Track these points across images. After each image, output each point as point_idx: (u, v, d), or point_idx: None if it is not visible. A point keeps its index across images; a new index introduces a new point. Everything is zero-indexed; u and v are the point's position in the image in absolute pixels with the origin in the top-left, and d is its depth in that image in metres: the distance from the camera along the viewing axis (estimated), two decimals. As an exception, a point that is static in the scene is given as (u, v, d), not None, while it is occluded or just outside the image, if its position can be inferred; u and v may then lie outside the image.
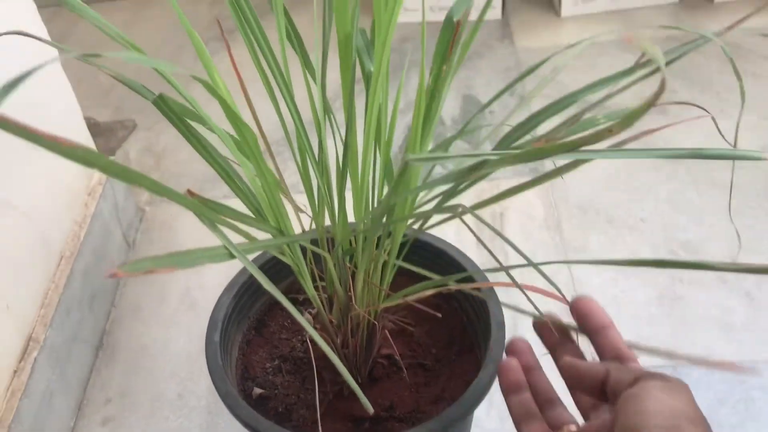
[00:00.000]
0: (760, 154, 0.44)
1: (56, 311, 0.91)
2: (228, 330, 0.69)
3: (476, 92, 1.43)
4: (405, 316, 0.73)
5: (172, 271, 0.38)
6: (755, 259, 1.05)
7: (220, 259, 0.43)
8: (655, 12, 1.60)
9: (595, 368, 0.44)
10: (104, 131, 1.43)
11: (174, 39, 1.69)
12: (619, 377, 0.42)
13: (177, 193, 0.39)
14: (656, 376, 0.40)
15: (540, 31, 1.59)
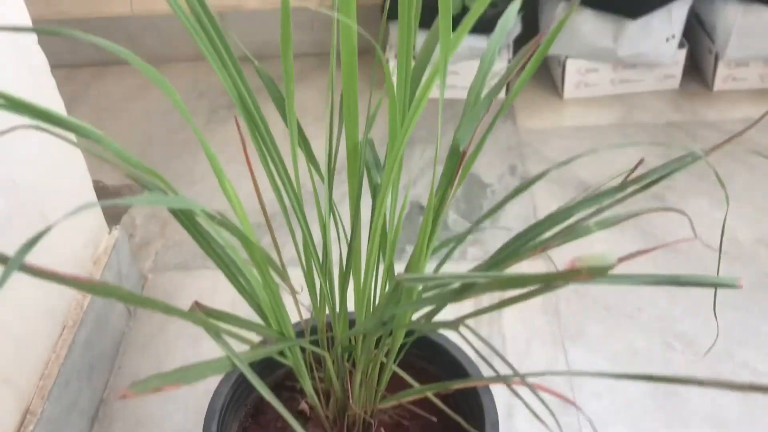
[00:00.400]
0: (735, 280, 0.46)
1: (55, 383, 0.92)
2: (225, 419, 0.70)
3: (479, 171, 1.46)
4: (400, 410, 0.74)
5: (178, 387, 0.39)
6: (747, 353, 1.06)
7: (224, 370, 0.44)
8: (654, 97, 1.64)
9: None
10: (112, 195, 1.46)
11: (186, 102, 1.71)
12: None
13: (184, 312, 0.41)
14: None
15: (542, 112, 1.63)
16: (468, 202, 1.40)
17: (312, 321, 0.70)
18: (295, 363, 0.58)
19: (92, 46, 1.86)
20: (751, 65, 1.58)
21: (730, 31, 1.52)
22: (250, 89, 0.56)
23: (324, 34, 1.83)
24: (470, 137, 0.50)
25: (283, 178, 0.57)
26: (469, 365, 0.74)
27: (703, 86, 1.66)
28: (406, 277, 0.41)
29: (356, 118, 0.54)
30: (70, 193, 1.04)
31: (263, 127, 0.56)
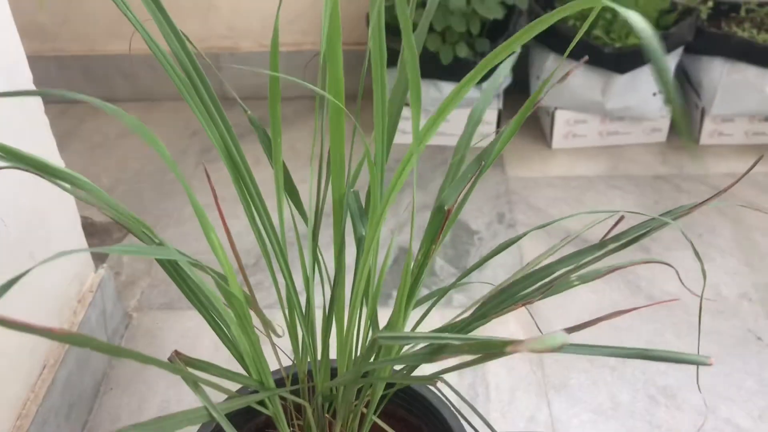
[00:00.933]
0: (704, 359, 0.46)
1: (32, 423, 0.91)
2: (203, 466, 0.69)
3: (466, 218, 1.47)
4: (380, 459, 0.74)
5: (154, 440, 0.39)
6: (730, 408, 1.06)
7: (201, 420, 0.44)
8: (641, 150, 1.67)
9: None
10: (100, 231, 1.46)
11: (179, 142, 1.74)
12: None
13: (162, 362, 0.41)
14: None
15: (531, 161, 1.65)
16: (455, 248, 1.40)
17: (293, 369, 0.69)
18: (274, 412, 0.58)
19: (88, 83, 1.88)
20: (737, 121, 1.61)
21: (716, 88, 1.55)
22: (233, 134, 0.57)
23: (316, 76, 1.85)
24: (456, 197, 0.51)
25: (265, 225, 0.58)
26: (451, 418, 0.73)
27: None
28: (383, 335, 0.41)
29: (343, 170, 0.55)
30: (58, 231, 1.05)
31: (246, 174, 0.56)
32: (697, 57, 1.61)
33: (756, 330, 1.19)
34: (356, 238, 0.57)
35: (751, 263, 1.33)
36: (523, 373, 1.13)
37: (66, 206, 1.08)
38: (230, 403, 0.47)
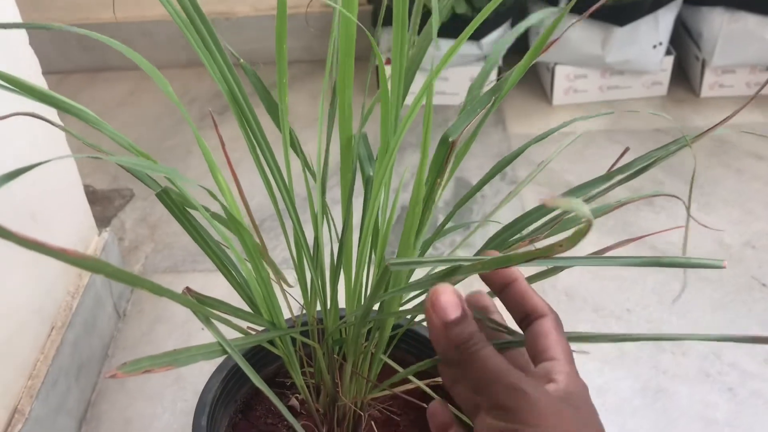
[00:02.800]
0: (719, 262, 0.46)
1: (43, 383, 0.91)
2: (215, 414, 0.70)
3: (468, 175, 1.47)
4: (391, 404, 0.74)
5: (170, 370, 0.39)
6: (737, 354, 1.07)
7: (215, 355, 0.44)
8: (642, 104, 1.66)
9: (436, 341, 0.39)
10: (101, 199, 1.45)
11: (176, 109, 1.73)
12: (460, 374, 0.38)
13: (176, 294, 0.41)
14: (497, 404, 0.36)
15: (532, 118, 1.64)
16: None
17: (302, 317, 0.70)
18: (286, 353, 0.58)
19: (82, 53, 1.87)
20: (738, 72, 1.60)
21: (716, 39, 1.54)
22: (243, 89, 0.57)
23: (315, 41, 1.84)
24: (461, 130, 0.50)
25: (275, 175, 0.57)
26: (459, 361, 0.74)
27: (690, 93, 1.68)
28: (394, 261, 0.41)
29: (350, 110, 0.55)
30: (61, 195, 1.04)
31: (256, 126, 0.56)
32: (696, 8, 1.59)
33: (760, 277, 1.19)
34: (364, 181, 0.57)
35: (755, 212, 1.33)
36: (529, 324, 1.13)
37: (68, 170, 1.08)
38: (242, 340, 0.47)
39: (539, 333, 0.38)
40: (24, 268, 0.91)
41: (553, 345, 0.38)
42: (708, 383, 1.03)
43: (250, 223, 0.54)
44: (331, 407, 0.65)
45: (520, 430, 0.34)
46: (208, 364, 1.05)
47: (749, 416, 0.98)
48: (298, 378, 0.62)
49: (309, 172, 0.57)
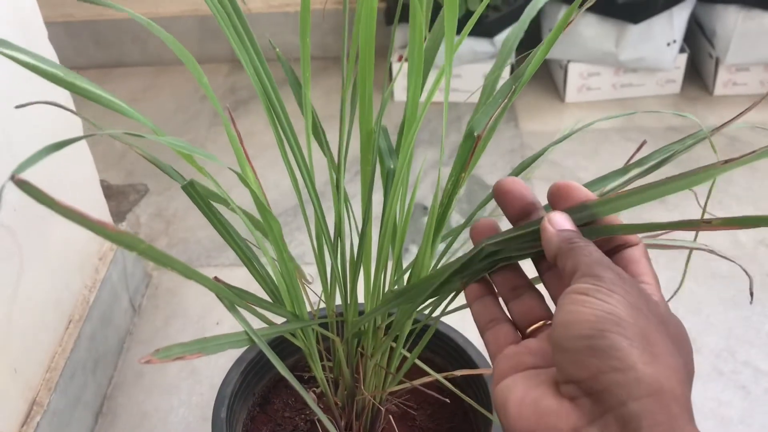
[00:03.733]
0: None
1: (61, 375, 0.92)
2: (234, 406, 0.71)
3: (481, 172, 1.47)
4: (408, 399, 0.75)
5: (200, 357, 0.40)
6: (749, 351, 1.07)
7: (242, 344, 0.45)
8: (655, 101, 1.66)
9: (547, 241, 0.38)
10: (116, 194, 1.46)
11: (190, 106, 1.74)
12: (563, 264, 0.37)
13: (206, 278, 0.41)
14: (589, 272, 0.35)
15: (544, 115, 1.64)
16: (471, 203, 1.40)
17: (321, 311, 0.70)
18: (307, 346, 0.59)
19: (97, 49, 1.88)
20: (752, 70, 1.60)
21: (731, 37, 1.53)
22: (272, 78, 0.57)
23: (328, 37, 1.85)
24: (486, 123, 0.51)
25: (300, 165, 0.58)
26: (476, 355, 0.74)
27: (703, 91, 1.67)
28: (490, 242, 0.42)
29: (371, 103, 0.55)
30: (77, 189, 1.05)
31: (284, 116, 0.56)
32: (711, 5, 1.59)
33: (774, 275, 1.19)
34: (384, 175, 0.57)
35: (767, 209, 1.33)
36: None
37: (85, 165, 1.08)
38: (268, 330, 0.47)
39: (631, 259, 0.38)
40: (43, 261, 0.92)
41: (646, 271, 0.38)
42: (721, 381, 1.03)
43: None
44: (349, 401, 0.65)
45: (605, 289, 0.34)
46: (224, 359, 1.06)
47: (763, 414, 0.98)
48: (319, 371, 0.63)
49: (330, 162, 0.57)
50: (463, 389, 0.76)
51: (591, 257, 0.36)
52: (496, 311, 0.42)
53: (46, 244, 0.93)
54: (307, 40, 0.52)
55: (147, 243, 0.33)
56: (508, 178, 0.43)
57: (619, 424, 0.31)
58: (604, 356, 0.32)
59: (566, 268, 0.36)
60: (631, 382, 0.31)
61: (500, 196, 0.43)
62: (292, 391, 0.77)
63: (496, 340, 0.40)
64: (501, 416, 0.36)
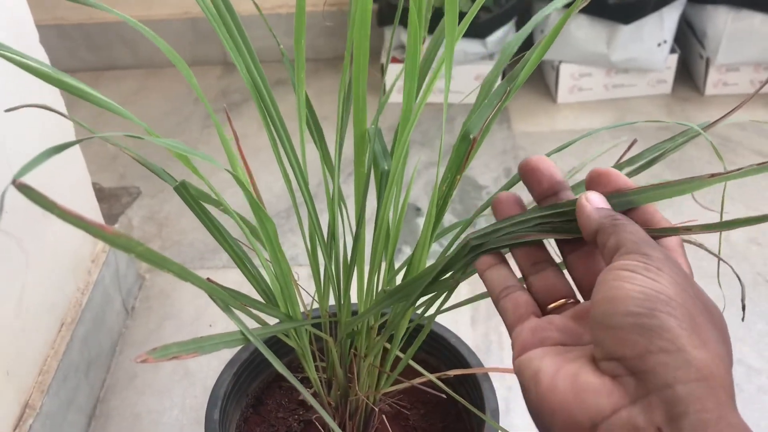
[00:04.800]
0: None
1: (54, 378, 0.92)
2: (227, 407, 0.70)
3: (474, 173, 1.47)
4: (400, 399, 0.75)
5: (196, 356, 0.40)
6: (741, 349, 1.07)
7: (238, 344, 0.45)
8: (646, 102, 1.66)
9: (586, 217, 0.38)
10: (108, 197, 1.46)
11: (182, 108, 1.74)
12: (604, 241, 0.36)
13: (198, 277, 0.41)
14: (636, 250, 0.34)
15: (537, 116, 1.65)
16: (463, 203, 1.41)
17: (314, 311, 0.70)
18: (300, 346, 0.59)
19: (89, 51, 1.87)
20: (742, 70, 1.61)
21: (721, 37, 1.54)
22: (265, 79, 0.57)
23: (319, 39, 1.85)
24: (482, 125, 0.51)
25: (293, 166, 0.58)
26: (469, 355, 0.74)
27: (694, 91, 1.68)
28: (475, 235, 0.42)
29: (365, 104, 0.55)
30: (70, 192, 1.05)
31: (276, 116, 0.56)
32: (701, 6, 1.60)
33: (765, 273, 1.20)
34: (378, 176, 0.57)
35: (759, 209, 1.34)
36: (536, 321, 1.14)
37: (77, 168, 1.08)
38: (261, 330, 0.47)
39: (667, 248, 0.38)
40: (35, 263, 0.91)
41: (682, 261, 0.38)
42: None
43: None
44: (342, 401, 0.66)
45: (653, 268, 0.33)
46: (217, 361, 1.05)
47: (755, 412, 0.99)
48: (312, 371, 0.63)
49: (326, 163, 0.58)
50: (455, 389, 0.76)
51: (636, 235, 0.35)
52: (511, 279, 0.41)
53: (39, 247, 0.93)
54: (302, 42, 0.52)
55: (144, 245, 0.33)
56: (535, 156, 0.42)
57: (664, 407, 0.30)
58: (653, 336, 0.31)
59: (608, 244, 0.35)
60: (679, 364, 0.30)
61: (527, 173, 0.42)
62: (285, 392, 0.77)
63: (515, 309, 0.39)
64: (529, 387, 0.35)
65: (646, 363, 0.31)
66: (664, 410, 0.30)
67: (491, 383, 0.71)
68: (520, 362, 0.36)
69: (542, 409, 0.34)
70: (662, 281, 0.32)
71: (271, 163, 1.51)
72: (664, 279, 0.32)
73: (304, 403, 0.75)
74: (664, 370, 0.30)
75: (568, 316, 0.38)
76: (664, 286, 0.32)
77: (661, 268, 0.33)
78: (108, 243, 0.32)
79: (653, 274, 0.33)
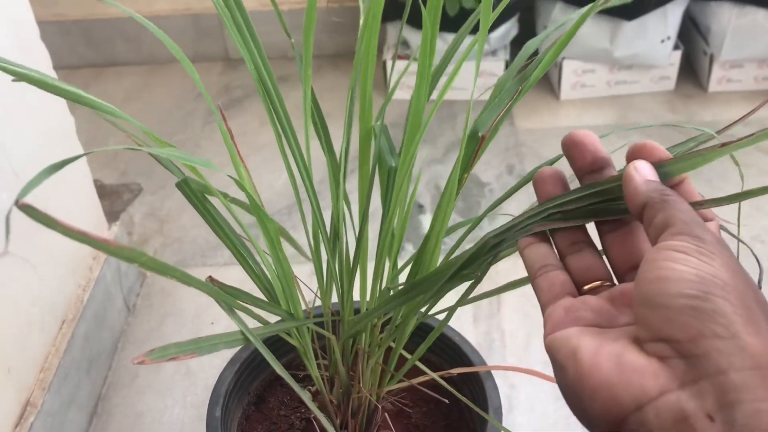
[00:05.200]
0: None
1: (55, 375, 0.92)
2: (229, 405, 0.70)
3: (476, 170, 1.47)
4: (403, 397, 0.74)
5: (194, 357, 0.40)
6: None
7: (237, 344, 0.44)
8: (650, 99, 1.66)
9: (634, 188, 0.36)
10: (110, 194, 1.46)
11: (184, 104, 1.73)
12: (652, 216, 0.35)
13: (200, 282, 0.41)
14: (688, 231, 0.33)
15: (540, 113, 1.64)
16: (466, 200, 1.40)
17: (316, 309, 0.70)
18: (302, 344, 0.58)
19: (90, 48, 1.87)
20: (746, 66, 1.60)
21: (725, 33, 1.54)
22: (272, 74, 0.56)
23: (322, 35, 1.84)
24: (491, 123, 0.50)
25: (298, 162, 0.57)
26: (471, 353, 0.74)
27: (698, 88, 1.67)
28: (492, 234, 0.41)
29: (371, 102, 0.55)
30: (71, 189, 1.04)
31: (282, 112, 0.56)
32: (704, 2, 1.59)
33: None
34: (384, 174, 0.56)
35: (763, 207, 1.33)
36: (538, 318, 1.13)
37: (78, 164, 1.08)
38: (261, 330, 0.47)
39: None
40: (36, 261, 0.91)
41: None
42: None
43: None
44: (345, 399, 0.65)
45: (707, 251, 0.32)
46: (219, 359, 1.05)
47: None
48: (314, 370, 0.62)
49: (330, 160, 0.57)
50: (458, 387, 0.75)
51: (687, 214, 0.34)
52: (551, 258, 0.40)
53: (40, 244, 0.92)
54: (310, 38, 0.52)
55: (147, 255, 0.33)
56: (580, 130, 0.41)
57: (716, 393, 0.29)
58: (707, 320, 0.30)
59: (655, 221, 0.34)
60: (734, 351, 0.29)
61: (571, 147, 0.41)
62: (287, 390, 0.77)
63: (551, 288, 0.38)
64: (566, 366, 0.33)
65: (698, 347, 0.30)
66: (715, 397, 0.29)
67: (494, 381, 0.71)
68: (554, 339, 0.35)
69: (581, 387, 0.32)
70: (716, 265, 0.31)
71: (272, 161, 1.51)
72: (717, 263, 0.31)
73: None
74: (717, 356, 0.29)
75: (605, 298, 0.37)
76: (718, 270, 0.31)
77: (714, 252, 0.32)
78: (112, 255, 0.31)
79: (707, 258, 0.31)
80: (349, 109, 0.55)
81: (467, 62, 1.62)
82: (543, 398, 1.00)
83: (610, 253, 0.40)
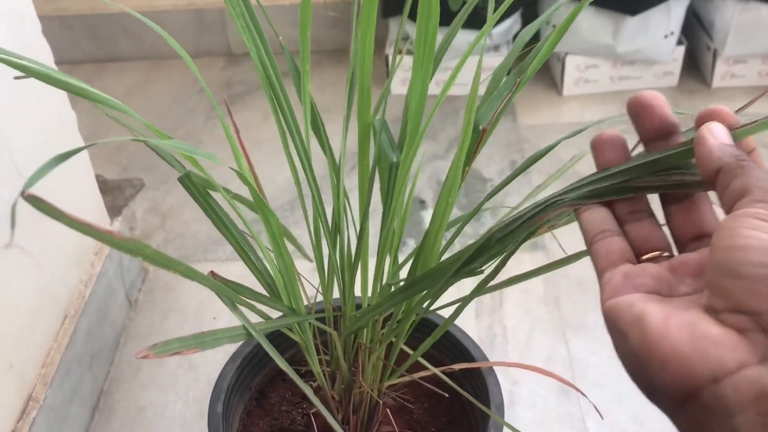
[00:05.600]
0: None
1: (57, 371, 0.92)
2: (230, 401, 0.70)
3: (478, 166, 1.47)
4: (404, 392, 0.74)
5: (197, 352, 0.40)
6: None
7: (240, 339, 0.44)
8: (653, 95, 1.65)
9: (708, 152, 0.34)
10: (112, 189, 1.46)
11: (186, 100, 1.73)
12: (727, 182, 0.33)
13: (203, 276, 0.41)
14: (766, 197, 0.31)
15: (542, 108, 1.63)
16: (468, 196, 1.40)
17: (317, 305, 0.70)
18: (304, 340, 0.58)
19: (92, 42, 1.87)
20: (749, 62, 1.59)
21: (729, 29, 1.53)
22: (277, 69, 0.56)
23: (321, 31, 1.84)
24: (491, 116, 0.50)
25: (301, 156, 0.57)
26: (473, 348, 0.74)
27: (701, 83, 1.67)
28: (499, 226, 0.41)
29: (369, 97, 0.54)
30: (73, 184, 1.04)
31: (287, 106, 0.56)
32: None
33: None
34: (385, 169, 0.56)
35: (766, 202, 1.33)
36: (540, 314, 1.13)
37: (80, 159, 1.08)
38: (264, 325, 0.47)
39: None
40: (38, 255, 0.91)
41: None
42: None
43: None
44: (346, 394, 0.65)
45: None
46: (221, 354, 1.05)
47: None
48: (316, 365, 0.62)
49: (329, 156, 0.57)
50: (460, 383, 0.75)
51: (766, 182, 0.32)
52: (609, 224, 0.38)
53: (42, 239, 0.92)
54: (307, 33, 0.51)
55: (151, 248, 0.33)
56: (648, 92, 0.38)
57: None
58: None
59: (730, 187, 0.32)
60: None
61: (638, 109, 0.38)
62: (288, 385, 0.77)
63: (609, 254, 0.37)
64: (629, 333, 0.32)
65: None
66: None
67: (496, 377, 0.71)
68: (614, 305, 0.33)
69: (649, 356, 0.31)
70: None
71: (274, 156, 1.51)
72: None
73: (307, 396, 0.74)
74: None
75: (665, 267, 0.36)
76: None
77: None
78: (117, 248, 0.31)
79: None
80: (347, 103, 0.55)
81: (470, 57, 1.61)
82: (545, 394, 1.00)
83: (672, 223, 0.38)
